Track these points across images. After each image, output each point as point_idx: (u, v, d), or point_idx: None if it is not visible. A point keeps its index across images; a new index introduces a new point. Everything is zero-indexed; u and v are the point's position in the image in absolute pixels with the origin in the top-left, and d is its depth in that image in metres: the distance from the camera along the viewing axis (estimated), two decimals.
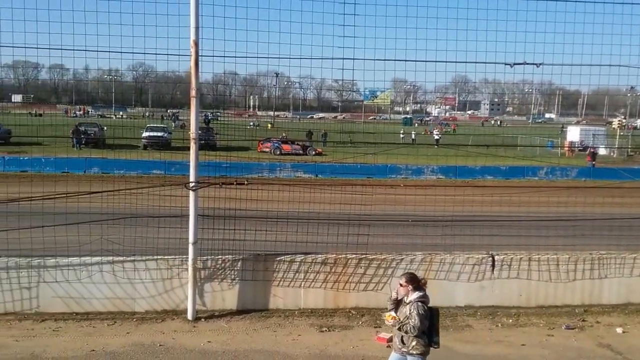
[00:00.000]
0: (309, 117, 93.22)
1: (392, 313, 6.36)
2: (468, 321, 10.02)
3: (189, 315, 9.69)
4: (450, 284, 10.59)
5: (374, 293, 10.38)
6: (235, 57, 9.98)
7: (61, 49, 10.47)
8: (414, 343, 6.24)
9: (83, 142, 37.31)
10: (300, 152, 41.10)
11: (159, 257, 9.95)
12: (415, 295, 6.27)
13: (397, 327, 6.28)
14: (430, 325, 6.29)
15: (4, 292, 9.58)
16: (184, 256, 9.85)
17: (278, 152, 40.55)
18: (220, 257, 10.07)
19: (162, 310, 9.92)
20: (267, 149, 41.08)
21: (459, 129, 74.79)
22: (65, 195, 9.78)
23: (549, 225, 13.36)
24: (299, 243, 10.45)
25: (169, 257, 9.97)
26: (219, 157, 11.76)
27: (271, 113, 76.89)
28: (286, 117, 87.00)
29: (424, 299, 6.27)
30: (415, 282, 6.36)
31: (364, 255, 10.44)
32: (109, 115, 78.73)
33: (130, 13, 10.14)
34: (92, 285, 9.70)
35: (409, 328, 6.15)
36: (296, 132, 47.23)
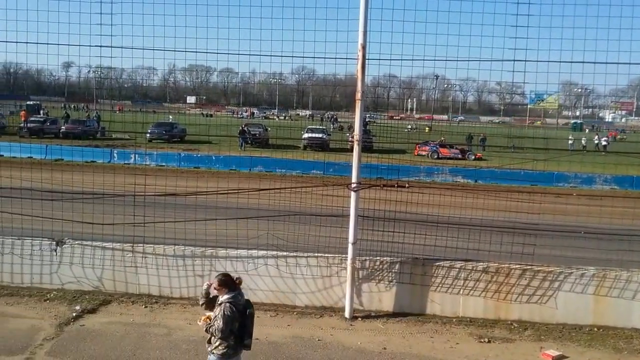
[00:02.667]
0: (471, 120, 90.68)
1: (209, 313, 6.20)
2: None
3: (347, 314, 9.95)
4: (625, 302, 9.74)
5: (537, 306, 9.88)
6: (402, 59, 10.03)
7: (228, 53, 11.30)
8: (217, 344, 6.11)
9: (249, 141, 39.82)
10: (459, 156, 40.16)
11: (319, 254, 10.35)
12: (226, 296, 6.07)
13: (204, 329, 6.15)
14: (241, 327, 6.11)
15: (180, 279, 10.56)
16: (343, 255, 10.14)
17: (435, 156, 40.02)
18: (378, 258, 10.22)
19: (320, 306, 10.29)
20: (425, 153, 40.70)
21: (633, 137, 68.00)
22: (236, 191, 10.55)
23: None
24: (458, 249, 10.27)
25: (329, 255, 10.33)
26: (380, 160, 11.91)
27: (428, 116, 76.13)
28: (445, 120, 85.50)
29: (233, 300, 6.05)
30: (228, 286, 6.11)
31: (529, 266, 9.98)
32: (272, 117, 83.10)
33: (291, 18, 10.65)
34: (258, 277, 10.34)
35: (214, 330, 6.00)
36: (455, 136, 46.22)
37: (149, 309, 9.87)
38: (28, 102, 71.91)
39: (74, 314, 9.42)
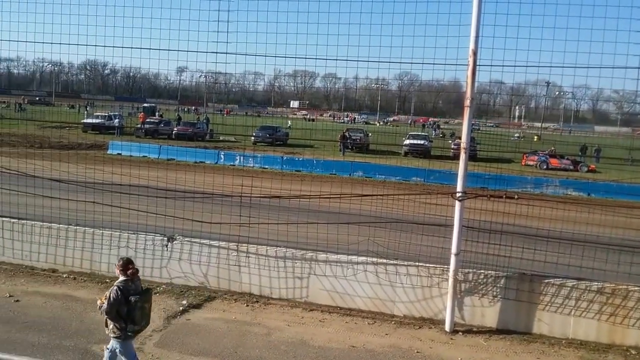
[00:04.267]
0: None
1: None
2: None
3: (447, 327, 9.68)
4: None
5: None
6: (515, 66, 9.65)
7: (336, 59, 11.38)
8: (111, 326, 6.60)
9: (349, 146, 40.04)
10: (571, 167, 38.09)
11: (420, 264, 10.15)
12: (118, 280, 6.61)
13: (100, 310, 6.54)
14: (128, 313, 6.49)
15: (279, 279, 10.75)
16: (445, 266, 9.87)
17: (545, 167, 38.20)
18: (482, 271, 9.86)
19: (419, 317, 10.09)
20: (532, 163, 39.00)
21: None
22: (339, 196, 10.60)
23: None
24: (570, 267, 9.68)
25: (430, 265, 10.10)
26: (486, 169, 11.51)
27: (537, 124, 72.90)
28: (556, 129, 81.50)
29: (122, 285, 6.52)
30: (124, 269, 6.63)
31: None
32: (373, 122, 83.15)
33: (390, 24, 10.57)
34: (356, 283, 10.32)
35: (102, 310, 6.46)
36: (566, 146, 43.92)
37: (250, 308, 10.12)
38: (145, 105, 76.52)
39: (181, 308, 9.85)
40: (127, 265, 6.73)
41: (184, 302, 10.14)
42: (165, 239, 11.07)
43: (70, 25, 12.05)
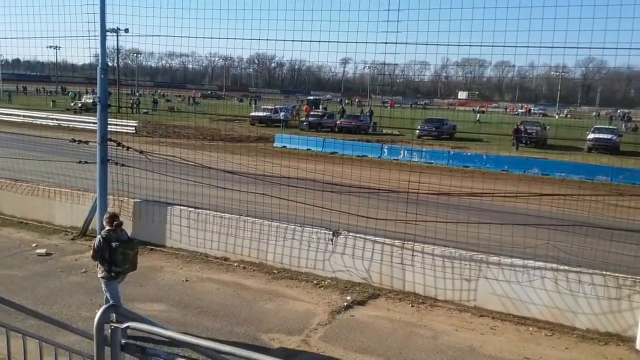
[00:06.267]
0: None
1: None
2: None
3: (638, 345, 8.90)
4: None
5: None
6: None
7: (504, 46, 10.93)
8: (99, 269, 8.32)
9: (523, 141, 38.19)
10: None
11: (607, 272, 9.43)
12: (104, 230, 8.37)
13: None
14: (110, 257, 8.12)
15: (446, 280, 10.62)
16: (638, 277, 9.08)
17: None
18: None
19: (605, 331, 9.38)
20: None
21: None
22: (514, 195, 10.20)
23: None
24: None
25: (620, 275, 9.33)
26: None
27: None
28: None
29: (106, 234, 8.24)
30: (110, 222, 8.36)
31: None
32: (551, 115, 78.47)
33: (578, 6, 9.82)
34: (532, 289, 9.87)
35: (90, 256, 8.43)
36: None
37: (415, 309, 10.14)
38: (309, 97, 79.59)
39: (345, 304, 10.16)
40: (112, 218, 8.48)
41: (348, 297, 10.44)
42: (331, 233, 11.46)
43: (240, 20, 12.86)
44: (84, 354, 5.46)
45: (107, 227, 8.38)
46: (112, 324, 2.79)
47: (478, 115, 63.27)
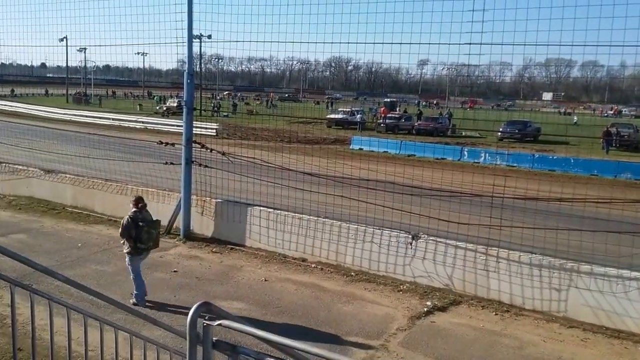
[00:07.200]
0: None
1: None
2: None
3: None
4: None
5: None
6: None
7: (597, 45, 10.36)
8: (124, 245, 9.55)
9: (614, 144, 36.37)
10: None
11: None
12: (130, 212, 9.49)
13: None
14: (136, 236, 9.31)
15: (534, 289, 10.17)
16: None
17: None
18: None
19: None
20: None
21: None
22: (608, 201, 9.66)
23: None
24: None
25: None
26: None
27: None
28: None
29: (133, 215, 9.43)
30: (136, 204, 9.56)
31: None
32: None
33: None
34: (627, 301, 9.29)
35: (119, 233, 9.56)
36: None
37: (499, 317, 9.78)
38: (385, 100, 79.19)
39: (425, 309, 9.92)
40: (138, 201, 9.68)
41: (428, 303, 10.20)
42: (410, 236, 11.26)
43: (318, 24, 12.91)
44: (170, 349, 5.58)
45: (134, 209, 9.54)
46: (204, 321, 2.79)
47: (575, 117, 60.93)
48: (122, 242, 9.71)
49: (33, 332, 4.46)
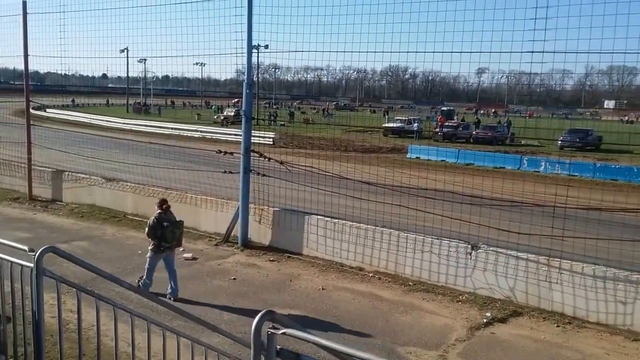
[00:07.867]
0: None
1: None
2: None
3: None
4: None
5: None
6: None
7: None
8: (150, 243, 10.28)
9: None
10: None
11: None
12: (156, 213, 10.20)
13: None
14: (161, 235, 10.03)
15: (598, 302, 9.90)
16: None
17: None
18: None
19: None
20: None
21: None
22: None
23: None
24: None
25: None
26: None
27: None
28: None
29: (158, 215, 10.14)
30: (160, 206, 10.29)
31: None
32: None
33: None
34: None
35: (145, 232, 10.32)
36: None
37: (561, 329, 9.57)
38: (443, 108, 78.35)
39: (485, 320, 9.80)
40: (162, 202, 10.39)
41: (488, 314, 10.07)
42: (469, 246, 11.14)
43: (374, 33, 12.93)
44: (230, 355, 5.73)
45: (158, 210, 10.23)
46: (269, 329, 2.85)
47: None
48: (148, 241, 10.45)
49: (98, 337, 4.67)
